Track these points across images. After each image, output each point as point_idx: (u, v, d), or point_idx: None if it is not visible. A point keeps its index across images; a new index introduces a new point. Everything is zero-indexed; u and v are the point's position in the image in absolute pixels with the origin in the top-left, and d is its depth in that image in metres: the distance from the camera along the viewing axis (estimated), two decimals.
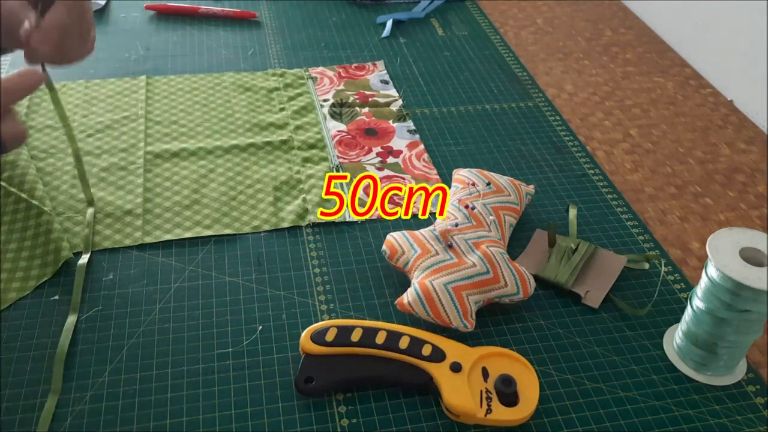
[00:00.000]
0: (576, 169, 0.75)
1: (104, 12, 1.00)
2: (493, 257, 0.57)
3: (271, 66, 0.90)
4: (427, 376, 0.50)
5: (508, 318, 0.58)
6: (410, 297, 0.55)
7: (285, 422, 0.49)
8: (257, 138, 0.76)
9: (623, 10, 1.09)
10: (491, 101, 0.85)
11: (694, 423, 0.51)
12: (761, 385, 0.53)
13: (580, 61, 0.95)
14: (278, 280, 0.60)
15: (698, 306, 0.51)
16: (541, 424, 0.50)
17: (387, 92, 0.85)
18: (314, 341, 0.52)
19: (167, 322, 0.56)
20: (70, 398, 0.50)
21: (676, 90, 0.90)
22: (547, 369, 0.54)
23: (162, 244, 0.63)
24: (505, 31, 1.01)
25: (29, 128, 0.75)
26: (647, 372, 0.54)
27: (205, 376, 0.52)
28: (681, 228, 0.68)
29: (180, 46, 0.93)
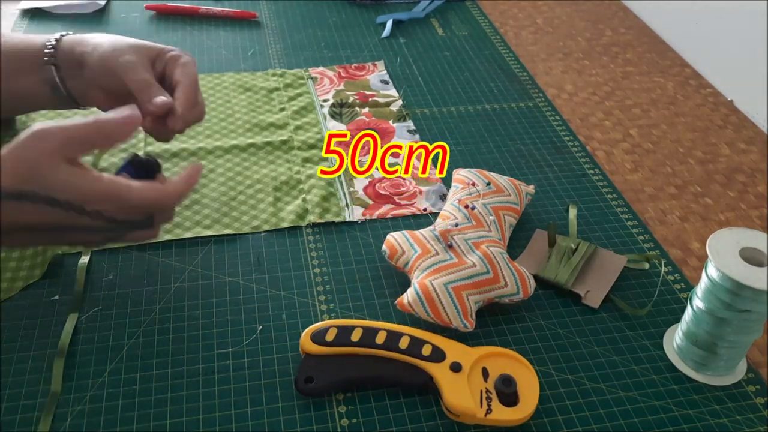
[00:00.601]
0: (576, 169, 0.75)
1: (104, 12, 1.00)
2: (493, 257, 0.57)
3: (271, 66, 0.90)
4: (427, 376, 0.50)
5: (508, 318, 0.58)
6: (410, 297, 0.55)
7: (285, 422, 0.49)
8: (257, 138, 0.76)
9: (623, 10, 1.09)
10: (491, 101, 0.85)
11: (694, 423, 0.51)
12: (761, 385, 0.53)
13: (580, 61, 0.95)
14: (278, 280, 0.60)
15: (698, 306, 0.51)
16: (541, 424, 0.50)
17: (387, 92, 0.85)
18: (314, 341, 0.52)
19: (167, 322, 0.56)
20: (70, 398, 0.50)
21: (676, 90, 0.90)
22: (547, 369, 0.54)
23: (162, 244, 0.63)
24: (505, 31, 1.01)
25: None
26: (647, 372, 0.54)
27: (205, 376, 0.52)
28: (681, 228, 0.68)
29: (180, 46, 0.92)
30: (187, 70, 0.60)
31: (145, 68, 0.59)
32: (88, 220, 0.47)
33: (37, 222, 0.46)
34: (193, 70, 0.61)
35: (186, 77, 0.60)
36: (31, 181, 0.45)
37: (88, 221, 0.47)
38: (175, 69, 0.60)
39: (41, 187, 0.45)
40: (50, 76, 0.63)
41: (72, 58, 0.62)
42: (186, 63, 0.61)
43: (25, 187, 0.45)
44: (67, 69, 0.63)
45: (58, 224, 0.47)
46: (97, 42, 0.61)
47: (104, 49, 0.60)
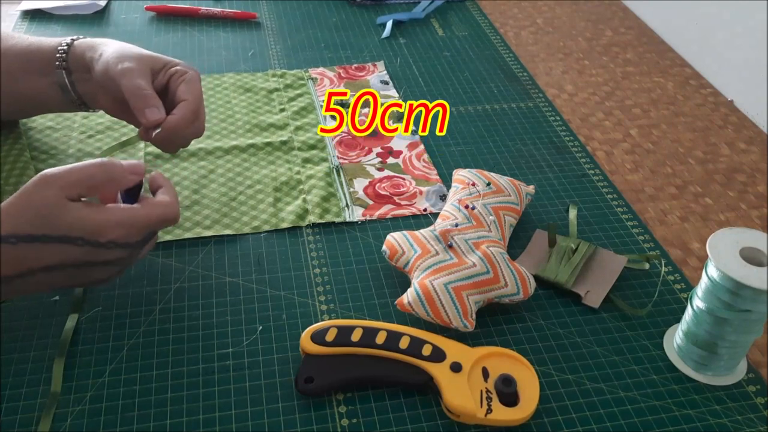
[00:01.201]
0: (576, 169, 0.75)
1: (105, 13, 1.00)
2: (494, 257, 0.57)
3: (271, 67, 0.90)
4: (427, 376, 0.50)
5: (508, 318, 0.58)
6: (410, 297, 0.55)
7: (285, 422, 0.49)
8: (257, 139, 0.76)
9: (623, 10, 1.09)
10: (491, 101, 0.85)
11: (694, 423, 0.51)
12: (761, 385, 0.53)
13: (581, 61, 0.95)
14: (278, 280, 0.60)
15: (698, 306, 0.51)
16: (541, 424, 0.50)
17: (387, 92, 0.85)
18: (314, 341, 0.52)
19: (167, 323, 0.56)
20: (70, 398, 0.50)
21: (676, 90, 0.90)
22: (547, 369, 0.54)
23: (162, 245, 0.63)
24: (505, 31, 1.01)
25: (29, 129, 0.75)
26: (647, 372, 0.54)
27: (205, 376, 0.52)
28: (681, 228, 0.68)
29: (180, 47, 0.93)
30: (192, 87, 0.61)
31: (143, 76, 0.59)
32: (105, 252, 0.48)
33: (56, 262, 0.47)
34: (197, 87, 0.62)
35: (190, 94, 0.60)
36: (41, 226, 0.46)
37: (105, 253, 0.48)
38: (179, 85, 0.61)
39: (52, 229, 0.46)
40: (61, 80, 0.63)
41: (83, 63, 0.63)
42: (191, 80, 0.61)
43: (36, 231, 0.46)
44: (77, 73, 0.63)
45: (76, 261, 0.48)
46: (105, 48, 0.62)
47: (108, 55, 0.61)
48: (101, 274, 0.50)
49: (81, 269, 0.49)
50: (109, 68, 0.60)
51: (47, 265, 0.47)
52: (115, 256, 0.49)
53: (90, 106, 0.66)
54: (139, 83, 0.58)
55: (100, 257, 0.48)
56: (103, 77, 0.60)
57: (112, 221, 0.48)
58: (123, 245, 0.49)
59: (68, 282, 0.50)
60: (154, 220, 0.50)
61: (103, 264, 0.49)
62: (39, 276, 0.48)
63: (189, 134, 0.61)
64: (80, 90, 0.64)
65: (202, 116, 0.63)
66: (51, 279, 0.48)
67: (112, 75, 0.59)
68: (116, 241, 0.48)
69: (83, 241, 0.47)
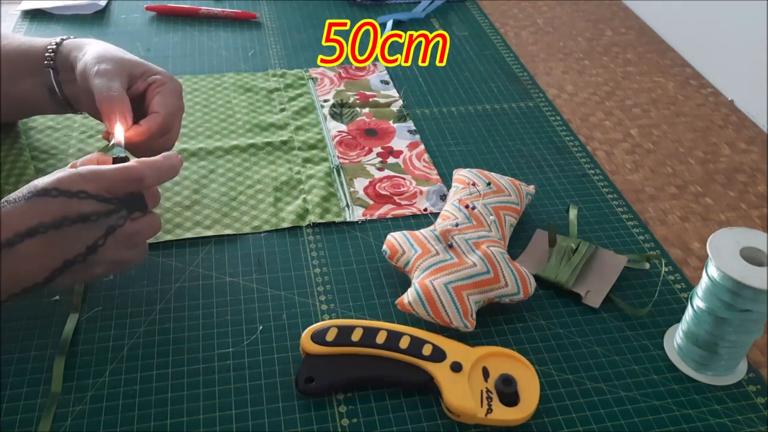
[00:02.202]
0: (576, 169, 0.75)
1: (105, 13, 1.00)
2: (494, 257, 0.57)
3: (271, 66, 0.90)
4: (427, 375, 0.50)
5: (508, 318, 0.58)
6: (411, 297, 0.55)
7: (285, 422, 0.49)
8: (258, 138, 0.76)
9: (623, 10, 1.09)
10: (491, 101, 0.85)
11: (694, 423, 0.50)
12: (762, 385, 0.53)
13: (581, 61, 0.95)
14: (278, 280, 0.60)
15: (699, 306, 0.51)
16: (542, 424, 0.50)
17: (387, 92, 0.85)
18: (314, 341, 0.52)
19: (167, 323, 0.56)
20: (71, 398, 0.50)
21: (677, 90, 0.90)
22: (547, 369, 0.54)
23: (162, 245, 0.63)
24: (505, 31, 1.01)
25: (29, 129, 0.75)
26: (648, 372, 0.54)
27: (205, 376, 0.52)
28: (681, 228, 0.68)
29: (180, 47, 0.93)
30: (167, 100, 0.60)
31: (117, 79, 0.58)
32: (77, 203, 0.48)
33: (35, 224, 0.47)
34: (172, 101, 0.61)
35: (162, 108, 0.59)
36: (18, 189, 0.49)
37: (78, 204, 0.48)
38: (155, 96, 0.60)
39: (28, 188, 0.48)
40: (48, 80, 0.63)
41: (68, 63, 0.62)
42: (168, 92, 0.61)
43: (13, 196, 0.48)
44: (64, 73, 0.63)
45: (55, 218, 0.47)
46: (89, 48, 0.61)
47: (89, 55, 0.60)
48: (88, 240, 0.49)
49: (63, 232, 0.48)
50: (87, 68, 0.59)
51: (28, 227, 0.47)
52: (90, 209, 0.48)
53: (76, 108, 0.65)
54: (109, 85, 0.58)
55: (74, 209, 0.48)
56: (81, 77, 0.60)
57: (76, 174, 0.49)
58: (95, 196, 0.48)
59: (59, 255, 0.48)
60: (117, 174, 0.50)
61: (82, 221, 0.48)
62: (28, 245, 0.47)
63: (156, 146, 0.60)
64: (67, 91, 0.64)
65: (176, 129, 0.62)
66: (41, 249, 0.47)
67: (87, 76, 0.59)
68: (87, 191, 0.48)
69: (57, 191, 0.47)
